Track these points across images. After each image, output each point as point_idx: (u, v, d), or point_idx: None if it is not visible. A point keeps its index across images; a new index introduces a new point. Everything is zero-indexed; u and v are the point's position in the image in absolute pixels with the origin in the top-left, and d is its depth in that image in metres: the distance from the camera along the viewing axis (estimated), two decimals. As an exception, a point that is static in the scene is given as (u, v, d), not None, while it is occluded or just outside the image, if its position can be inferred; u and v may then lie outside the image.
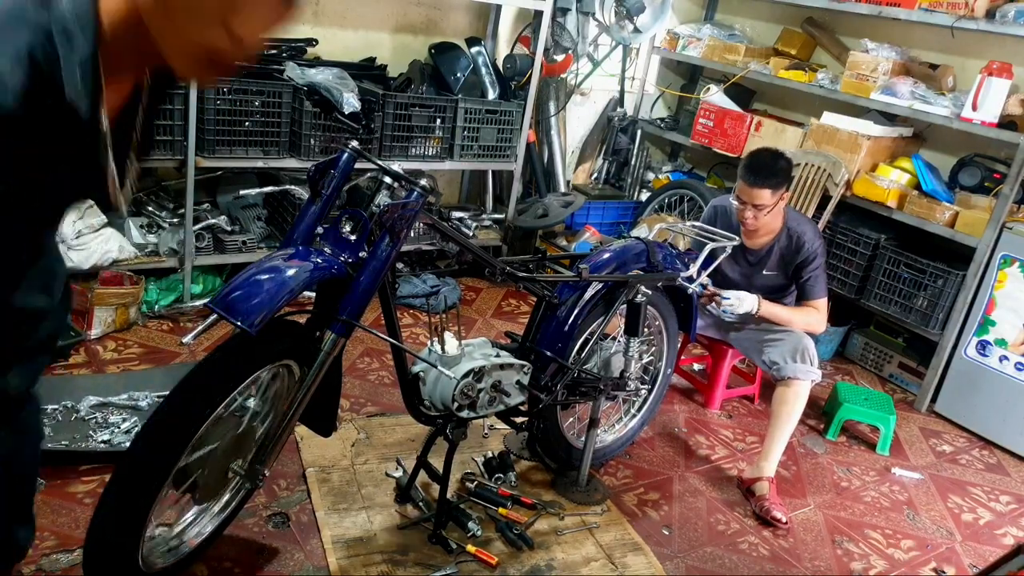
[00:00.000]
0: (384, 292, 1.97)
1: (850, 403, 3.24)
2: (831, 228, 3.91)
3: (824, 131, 3.89)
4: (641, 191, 4.94)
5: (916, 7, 3.60)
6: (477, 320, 3.79)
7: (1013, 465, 3.33)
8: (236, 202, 3.53)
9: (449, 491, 2.31)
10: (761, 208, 2.76)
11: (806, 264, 2.86)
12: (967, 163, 3.69)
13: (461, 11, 4.19)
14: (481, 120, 3.90)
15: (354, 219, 1.82)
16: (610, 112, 4.85)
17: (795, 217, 2.94)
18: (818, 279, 2.87)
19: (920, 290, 3.65)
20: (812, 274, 2.86)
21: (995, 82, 3.32)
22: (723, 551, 2.48)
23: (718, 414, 3.34)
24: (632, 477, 2.79)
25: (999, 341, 3.39)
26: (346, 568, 2.09)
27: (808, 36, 4.42)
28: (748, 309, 2.76)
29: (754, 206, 2.76)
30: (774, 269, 2.93)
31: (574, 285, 2.41)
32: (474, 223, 4.25)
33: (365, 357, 3.26)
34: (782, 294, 2.99)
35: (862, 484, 3.00)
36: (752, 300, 2.77)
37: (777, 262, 2.92)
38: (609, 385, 2.54)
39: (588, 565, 2.29)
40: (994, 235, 3.36)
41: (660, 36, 4.79)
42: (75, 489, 2.18)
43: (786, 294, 3.00)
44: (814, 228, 2.95)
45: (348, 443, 2.63)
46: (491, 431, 2.85)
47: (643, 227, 4.37)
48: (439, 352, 2.12)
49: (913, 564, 2.59)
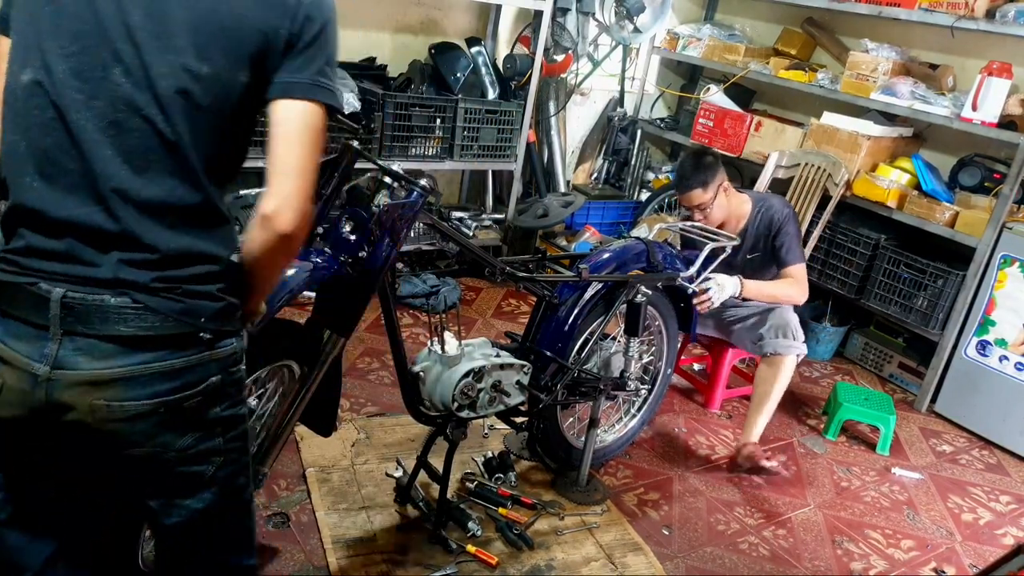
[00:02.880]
0: (384, 292, 1.97)
1: (850, 403, 3.24)
2: (831, 228, 3.91)
3: (824, 131, 3.89)
4: (641, 191, 4.94)
5: (916, 7, 3.60)
6: (477, 320, 3.79)
7: (1013, 465, 3.33)
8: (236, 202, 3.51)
9: (449, 491, 2.31)
10: (703, 207, 2.82)
11: (779, 232, 2.89)
12: (967, 163, 3.69)
13: (461, 11, 4.19)
14: (481, 120, 3.91)
15: (354, 219, 1.82)
16: (610, 112, 4.85)
17: (761, 196, 3.02)
18: (792, 245, 2.89)
19: (920, 290, 3.65)
20: (784, 240, 2.88)
21: (995, 82, 3.32)
22: (723, 551, 2.48)
23: (718, 414, 3.34)
24: (632, 477, 2.79)
25: (999, 341, 3.39)
26: (346, 568, 2.09)
27: (808, 36, 4.42)
28: (732, 292, 2.75)
29: (696, 207, 2.83)
30: (756, 250, 2.95)
31: (574, 285, 2.41)
32: (474, 223, 4.25)
33: (365, 357, 3.26)
34: (767, 273, 2.99)
35: (862, 484, 3.00)
36: (733, 282, 2.75)
37: (755, 242, 2.94)
38: (609, 385, 2.54)
39: (588, 565, 2.29)
40: (994, 235, 3.36)
41: (660, 36, 4.79)
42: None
43: (771, 276, 2.99)
44: (781, 199, 3.01)
45: (348, 443, 2.63)
46: (491, 431, 2.85)
47: (643, 227, 4.37)
48: (439, 352, 2.12)
49: (913, 564, 2.59)
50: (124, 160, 1.12)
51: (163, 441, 1.21)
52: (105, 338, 1.13)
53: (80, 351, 1.13)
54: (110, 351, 1.14)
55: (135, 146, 1.12)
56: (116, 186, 1.12)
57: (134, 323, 1.14)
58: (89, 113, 1.11)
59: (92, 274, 1.13)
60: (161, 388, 1.17)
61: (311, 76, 1.18)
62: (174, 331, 1.16)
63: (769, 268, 2.96)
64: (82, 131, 1.11)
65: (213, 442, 1.27)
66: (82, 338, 1.13)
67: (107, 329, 1.13)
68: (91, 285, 1.12)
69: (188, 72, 1.11)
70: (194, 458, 1.25)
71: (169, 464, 1.24)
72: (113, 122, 1.11)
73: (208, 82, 1.13)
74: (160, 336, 1.16)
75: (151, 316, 1.14)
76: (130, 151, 1.12)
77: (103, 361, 1.13)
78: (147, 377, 1.16)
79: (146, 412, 1.17)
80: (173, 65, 1.11)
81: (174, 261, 1.16)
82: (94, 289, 1.12)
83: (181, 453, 1.23)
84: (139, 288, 1.14)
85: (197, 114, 1.13)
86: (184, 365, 1.18)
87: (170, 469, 1.24)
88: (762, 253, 2.95)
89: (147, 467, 1.24)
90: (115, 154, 1.12)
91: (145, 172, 1.13)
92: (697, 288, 2.65)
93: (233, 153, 1.24)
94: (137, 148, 1.12)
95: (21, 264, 1.13)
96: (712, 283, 2.69)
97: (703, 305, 2.70)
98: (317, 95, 1.19)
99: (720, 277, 2.72)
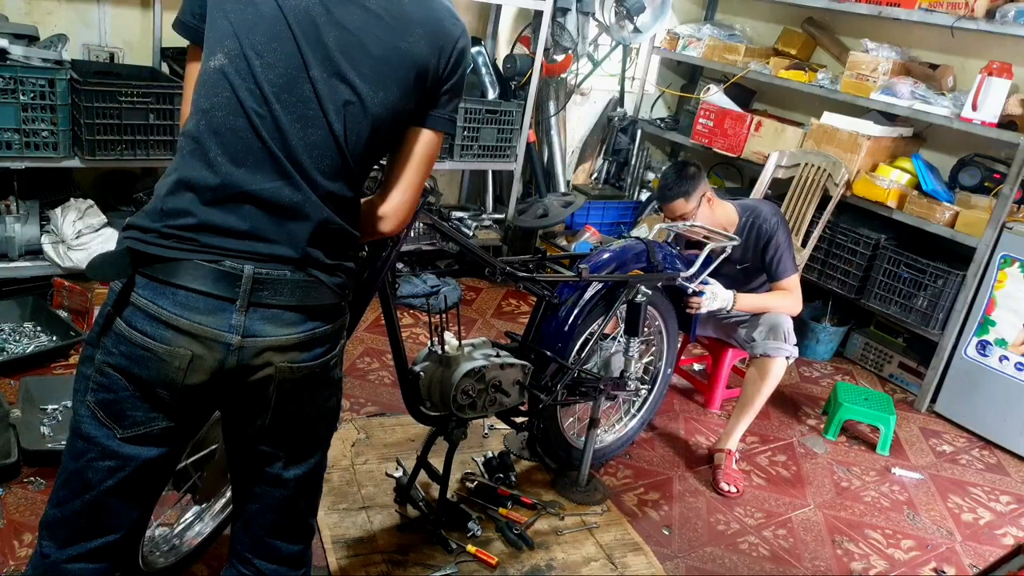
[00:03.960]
0: (384, 292, 1.97)
1: (850, 403, 3.24)
2: (831, 228, 3.91)
3: (824, 131, 3.89)
4: (641, 191, 4.94)
5: (916, 7, 3.60)
6: (477, 320, 3.79)
7: (1013, 465, 3.33)
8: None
9: (449, 491, 2.32)
10: (686, 217, 2.81)
11: (768, 243, 2.85)
12: (967, 163, 3.69)
13: (461, 11, 4.16)
14: (481, 120, 3.91)
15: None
16: (610, 112, 4.85)
17: (748, 206, 2.96)
18: (783, 257, 2.85)
19: (920, 290, 3.65)
20: (775, 253, 2.84)
21: (995, 82, 3.32)
22: (723, 551, 2.48)
23: (718, 414, 3.34)
24: (632, 477, 2.79)
25: (999, 341, 3.39)
26: (346, 568, 2.09)
27: (808, 36, 4.42)
28: (722, 305, 2.74)
29: (679, 218, 2.82)
30: (746, 260, 2.91)
31: (574, 285, 2.41)
32: (474, 223, 4.25)
33: (365, 357, 3.26)
34: (757, 282, 2.98)
35: (862, 484, 3.00)
36: (726, 296, 2.74)
37: (744, 252, 2.90)
38: (609, 385, 2.53)
39: (588, 565, 2.29)
40: (994, 235, 3.36)
41: (660, 36, 4.79)
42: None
43: (762, 283, 2.99)
44: (770, 206, 2.95)
45: (348, 443, 2.63)
46: (491, 431, 2.85)
47: (643, 227, 4.37)
48: (439, 352, 2.12)
49: (913, 564, 2.59)
50: (306, 152, 1.26)
51: (317, 397, 1.39)
52: (288, 308, 1.27)
53: (267, 320, 1.26)
54: (292, 319, 1.28)
55: (315, 142, 1.27)
56: (303, 171, 1.26)
57: (312, 295, 1.30)
58: (280, 106, 1.24)
59: (275, 251, 1.25)
60: (320, 350, 1.34)
61: (450, 112, 1.42)
62: (331, 301, 1.34)
63: (760, 275, 2.95)
64: (277, 120, 1.25)
65: (332, 400, 1.45)
66: (267, 309, 1.26)
67: (290, 300, 1.27)
68: (275, 262, 1.26)
69: (363, 94, 1.28)
70: (325, 415, 1.43)
71: (312, 419, 1.40)
72: (302, 116, 1.25)
73: (379, 106, 1.30)
74: (324, 306, 1.32)
75: (322, 288, 1.31)
76: (311, 146, 1.26)
77: (287, 328, 1.28)
78: (314, 340, 1.32)
79: (315, 371, 1.34)
80: (355, 84, 1.27)
81: (337, 241, 1.33)
82: (277, 265, 1.26)
83: (320, 408, 1.41)
84: (317, 265, 1.29)
85: (364, 128, 1.30)
86: (332, 331, 1.36)
87: (313, 424, 1.41)
88: (752, 263, 2.92)
89: (298, 422, 1.38)
90: (302, 146, 1.26)
91: (320, 164, 1.27)
92: (695, 288, 2.65)
93: (376, 160, 1.42)
94: (318, 143, 1.27)
95: (200, 241, 1.22)
96: (707, 290, 2.69)
97: (690, 308, 2.70)
98: (448, 128, 1.42)
99: (717, 287, 2.72)
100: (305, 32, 1.25)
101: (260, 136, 1.24)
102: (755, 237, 2.87)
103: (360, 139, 1.30)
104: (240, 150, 1.24)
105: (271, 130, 1.24)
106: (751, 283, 2.95)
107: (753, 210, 2.92)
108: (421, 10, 1.33)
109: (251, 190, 1.23)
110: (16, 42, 2.79)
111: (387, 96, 1.30)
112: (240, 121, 1.23)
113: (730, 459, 2.86)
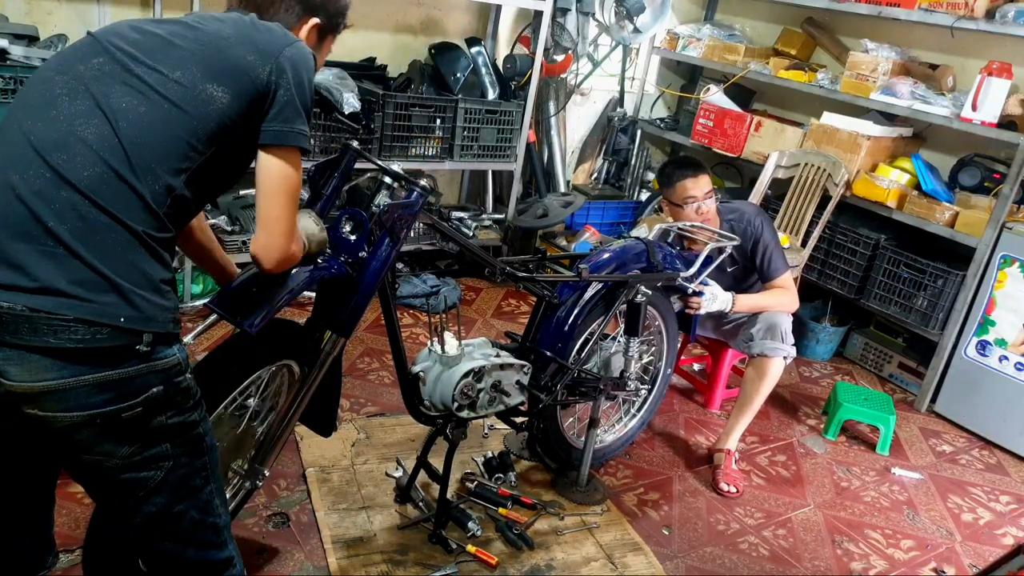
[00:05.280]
0: (384, 292, 1.97)
1: (850, 403, 3.24)
2: (831, 228, 3.91)
3: (824, 131, 3.89)
4: (641, 191, 4.94)
5: (916, 7, 3.60)
6: (477, 320, 3.79)
7: (1013, 465, 3.33)
8: (236, 202, 3.53)
9: (449, 491, 2.31)
10: (709, 195, 2.77)
11: (756, 245, 2.83)
12: (967, 163, 3.69)
13: (461, 11, 4.19)
14: (481, 120, 3.91)
15: (354, 219, 1.81)
16: (610, 112, 4.85)
17: (730, 207, 2.93)
18: (773, 256, 2.84)
19: (920, 290, 3.65)
20: (765, 253, 2.83)
21: (995, 82, 3.32)
22: (723, 551, 2.48)
23: (718, 414, 3.34)
24: (632, 477, 2.79)
25: (999, 341, 3.39)
26: (346, 568, 2.09)
27: (808, 36, 4.42)
28: (721, 308, 2.73)
29: (688, 199, 2.75)
30: (735, 263, 2.90)
31: (574, 285, 2.41)
32: (474, 223, 4.25)
33: (365, 357, 3.26)
34: (749, 283, 2.97)
35: (862, 484, 3.00)
36: (725, 299, 2.73)
37: (732, 255, 2.87)
38: (609, 385, 2.54)
39: (588, 565, 2.29)
40: (994, 235, 3.36)
41: (660, 36, 4.79)
42: (74, 489, 2.18)
43: (754, 282, 2.99)
44: (752, 207, 2.93)
45: (348, 443, 2.63)
46: (491, 431, 2.85)
47: (643, 227, 4.37)
48: (439, 352, 2.12)
49: (913, 564, 2.59)
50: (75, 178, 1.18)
51: (105, 449, 1.23)
52: (35, 350, 1.11)
53: (10, 361, 1.12)
54: (42, 364, 1.12)
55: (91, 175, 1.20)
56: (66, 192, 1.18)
57: (64, 335, 1.11)
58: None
59: (19, 282, 1.11)
60: (95, 400, 1.16)
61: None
62: (108, 344, 1.15)
63: (752, 276, 2.94)
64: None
65: (159, 449, 1.28)
66: (11, 349, 1.11)
67: (36, 340, 1.11)
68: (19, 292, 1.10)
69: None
70: (139, 465, 1.27)
71: (114, 470, 1.26)
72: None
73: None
74: (92, 349, 1.14)
75: (83, 327, 1.12)
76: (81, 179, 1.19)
77: (33, 374, 1.12)
78: (79, 390, 1.15)
79: (81, 423, 1.17)
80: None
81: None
82: (24, 297, 1.10)
83: (125, 460, 1.25)
84: (70, 296, 1.13)
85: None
86: (119, 377, 1.18)
87: (116, 475, 1.27)
88: (740, 264, 2.91)
89: (95, 471, 1.27)
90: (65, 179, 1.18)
91: (100, 191, 1.18)
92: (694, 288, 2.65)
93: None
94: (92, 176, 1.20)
95: None
96: (707, 291, 2.68)
97: (690, 309, 2.70)
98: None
99: (716, 289, 2.71)
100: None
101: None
102: (742, 240, 2.86)
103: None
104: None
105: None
106: (743, 285, 2.94)
107: (735, 211, 2.89)
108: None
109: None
110: (16, 42, 2.79)
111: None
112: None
113: (730, 459, 2.86)
